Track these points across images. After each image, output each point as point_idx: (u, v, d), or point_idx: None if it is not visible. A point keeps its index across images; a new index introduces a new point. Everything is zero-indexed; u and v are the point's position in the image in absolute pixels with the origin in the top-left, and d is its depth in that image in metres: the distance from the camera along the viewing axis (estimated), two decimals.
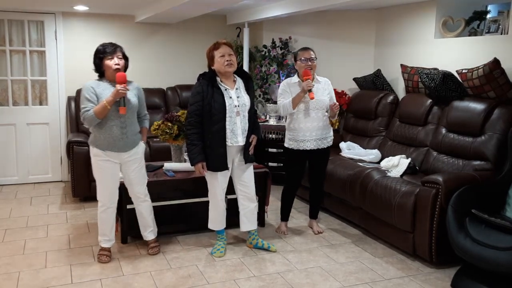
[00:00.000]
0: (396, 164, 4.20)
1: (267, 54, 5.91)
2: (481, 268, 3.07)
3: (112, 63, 3.39)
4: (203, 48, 4.10)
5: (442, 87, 4.18)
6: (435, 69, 4.43)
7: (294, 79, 4.04)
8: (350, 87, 5.72)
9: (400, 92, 5.12)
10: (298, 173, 4.13)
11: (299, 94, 3.87)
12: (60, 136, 5.83)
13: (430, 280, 3.39)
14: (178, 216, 4.30)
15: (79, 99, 5.48)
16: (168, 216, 4.20)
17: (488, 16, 4.41)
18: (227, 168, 3.63)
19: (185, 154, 4.15)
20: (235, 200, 3.87)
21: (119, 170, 3.57)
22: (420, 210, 3.53)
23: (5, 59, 5.56)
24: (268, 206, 4.37)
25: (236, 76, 3.72)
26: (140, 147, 3.62)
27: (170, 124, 4.07)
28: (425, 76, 4.35)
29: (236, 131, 3.60)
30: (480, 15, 4.41)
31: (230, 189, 3.82)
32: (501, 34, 4.09)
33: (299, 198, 5.09)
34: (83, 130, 5.45)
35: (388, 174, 4.11)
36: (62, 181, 5.91)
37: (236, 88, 3.64)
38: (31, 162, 5.77)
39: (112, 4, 4.95)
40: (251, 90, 3.74)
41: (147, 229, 3.78)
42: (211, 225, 3.81)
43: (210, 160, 3.57)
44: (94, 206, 4.94)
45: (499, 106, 3.80)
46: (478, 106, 3.87)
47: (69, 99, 5.67)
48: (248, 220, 3.82)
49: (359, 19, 5.70)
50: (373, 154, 4.63)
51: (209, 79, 3.56)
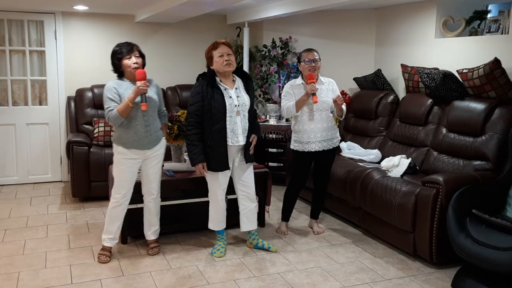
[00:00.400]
0: (397, 164, 4.19)
1: (267, 54, 5.90)
2: (481, 268, 3.06)
3: (130, 62, 3.48)
4: (203, 48, 4.09)
5: (443, 87, 4.17)
6: (436, 68, 4.43)
7: (298, 81, 4.03)
8: (350, 87, 5.71)
9: (401, 92, 5.11)
10: (303, 174, 4.12)
11: (302, 97, 3.86)
12: (59, 136, 5.82)
13: (431, 280, 3.39)
14: (178, 216, 4.30)
15: (79, 99, 5.59)
16: (168, 216, 4.19)
17: (489, 15, 4.41)
18: (228, 168, 3.63)
19: (185, 154, 4.14)
20: (235, 200, 3.87)
21: (139, 168, 3.64)
22: (420, 210, 3.52)
23: (4, 59, 5.56)
24: (269, 206, 4.37)
25: (236, 76, 3.71)
26: (163, 143, 3.69)
27: (170, 124, 4.06)
28: (425, 76, 4.34)
29: (236, 131, 3.59)
30: (480, 15, 4.41)
31: (230, 189, 3.81)
32: (501, 33, 4.09)
33: (299, 198, 5.07)
34: (83, 130, 5.45)
35: (389, 174, 4.10)
36: (62, 181, 5.90)
37: (236, 88, 3.64)
38: (30, 162, 5.76)
39: (112, 4, 4.94)
40: (251, 90, 3.73)
41: (151, 228, 3.79)
42: (211, 225, 3.81)
43: (211, 160, 3.57)
44: (94, 206, 4.95)
45: (499, 106, 3.80)
46: (479, 106, 3.87)
47: (68, 99, 5.66)
48: (248, 220, 3.82)
49: (359, 19, 5.70)
50: (373, 154, 4.62)
51: (208, 79, 3.56)
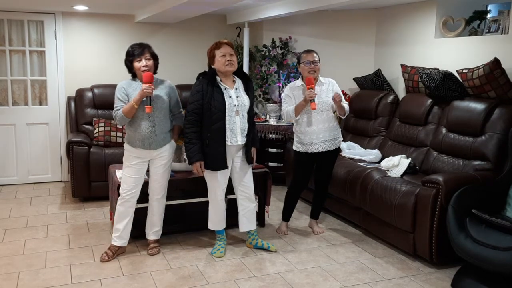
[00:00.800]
0: (397, 164, 4.19)
1: (267, 54, 5.90)
2: (481, 268, 3.06)
3: (140, 65, 3.52)
4: (203, 48, 4.10)
5: (443, 87, 4.17)
6: (436, 69, 4.43)
7: (298, 82, 4.03)
8: (350, 87, 5.71)
9: (400, 92, 5.11)
10: (305, 176, 4.11)
11: (301, 103, 3.86)
12: (60, 136, 5.82)
13: (431, 280, 3.39)
14: (178, 216, 4.30)
15: (79, 99, 5.60)
16: (168, 216, 4.18)
17: (489, 15, 4.41)
18: (226, 167, 3.63)
19: (184, 154, 4.14)
20: (235, 200, 3.87)
21: (146, 168, 3.66)
22: (420, 210, 3.52)
23: (4, 59, 5.56)
24: (269, 206, 4.37)
25: (236, 76, 3.72)
26: (171, 145, 3.70)
27: None
28: (425, 76, 4.35)
29: (235, 131, 3.59)
30: (480, 15, 4.41)
31: (230, 189, 3.82)
32: (501, 34, 4.09)
33: (300, 198, 5.06)
34: (83, 130, 5.45)
35: (388, 174, 4.10)
36: (62, 181, 5.90)
37: (236, 88, 3.64)
38: (31, 162, 5.76)
39: (112, 4, 4.94)
40: (251, 92, 3.74)
41: (153, 228, 3.79)
42: (211, 225, 3.81)
43: (210, 159, 3.57)
44: (94, 206, 4.95)
45: (499, 106, 3.80)
46: (479, 106, 3.87)
47: (68, 99, 5.67)
48: (247, 220, 3.82)
49: (359, 19, 5.70)
50: (373, 154, 4.62)
51: (209, 78, 3.56)
